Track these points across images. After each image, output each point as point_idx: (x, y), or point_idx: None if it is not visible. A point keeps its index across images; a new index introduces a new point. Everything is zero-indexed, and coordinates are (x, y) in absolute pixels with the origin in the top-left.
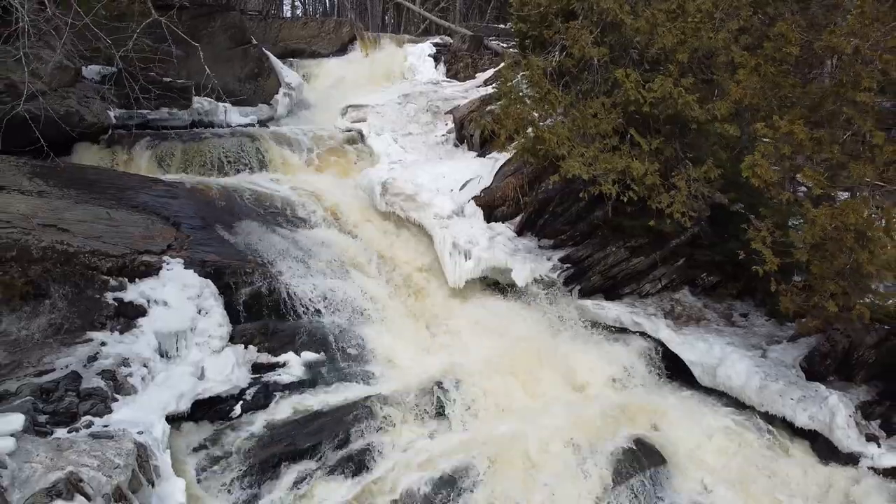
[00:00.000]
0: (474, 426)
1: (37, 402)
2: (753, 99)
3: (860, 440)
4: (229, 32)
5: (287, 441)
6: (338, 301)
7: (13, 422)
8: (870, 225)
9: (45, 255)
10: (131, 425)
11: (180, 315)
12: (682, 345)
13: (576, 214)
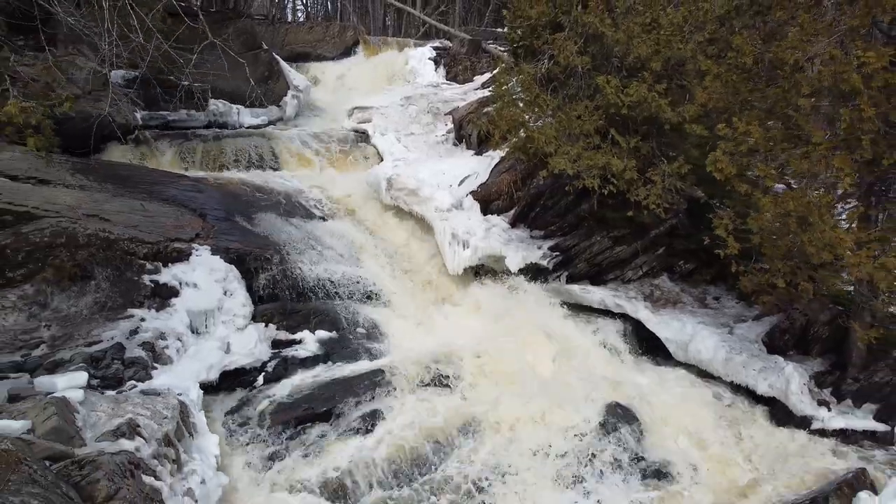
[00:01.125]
0: (471, 393)
1: (88, 368)
2: (718, 102)
3: (812, 405)
4: (241, 38)
5: (305, 406)
6: (348, 285)
7: (79, 378)
8: (810, 211)
9: (90, 241)
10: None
11: (208, 296)
12: (658, 324)
13: (564, 207)
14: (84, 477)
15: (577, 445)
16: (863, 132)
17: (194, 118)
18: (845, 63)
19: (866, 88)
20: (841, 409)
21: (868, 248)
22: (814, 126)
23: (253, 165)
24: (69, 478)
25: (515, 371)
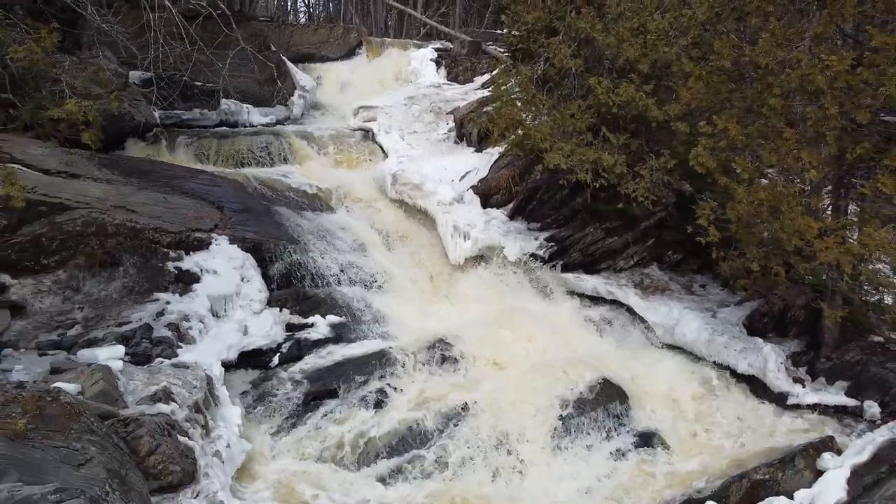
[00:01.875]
0: (472, 371)
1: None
2: (701, 102)
3: (788, 382)
4: (251, 40)
5: (318, 382)
6: (356, 274)
7: (117, 351)
8: (780, 200)
9: (118, 230)
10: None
11: (227, 282)
12: (647, 309)
13: (559, 201)
14: (129, 433)
15: (568, 415)
16: (828, 129)
17: (207, 117)
18: (811, 66)
19: (830, 89)
20: (815, 387)
21: (835, 235)
22: (785, 123)
23: (265, 162)
24: (117, 433)
25: (512, 351)
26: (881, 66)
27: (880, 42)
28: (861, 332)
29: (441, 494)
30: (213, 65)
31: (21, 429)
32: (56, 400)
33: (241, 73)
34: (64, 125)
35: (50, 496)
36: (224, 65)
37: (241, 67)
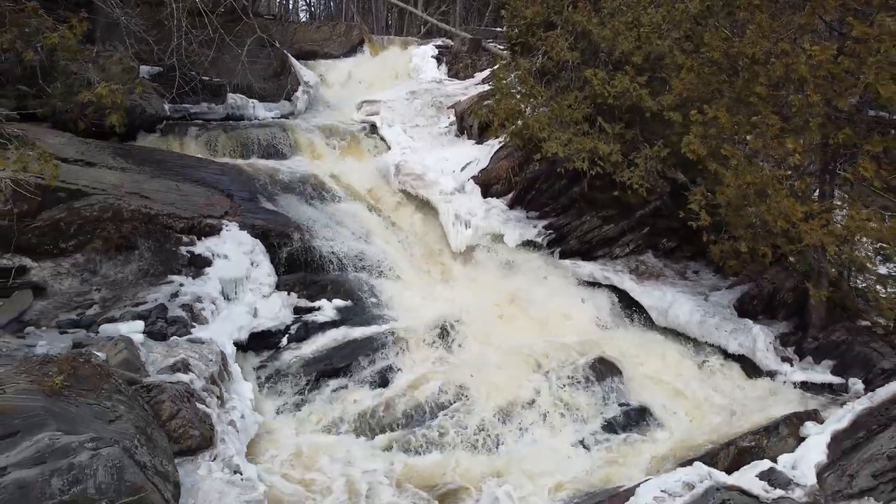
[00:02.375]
0: (472, 351)
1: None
2: (693, 92)
3: (777, 361)
4: (255, 36)
5: (326, 361)
6: (361, 260)
7: (136, 326)
8: (765, 183)
9: (133, 216)
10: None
11: (238, 266)
12: (642, 293)
13: (557, 190)
14: (152, 398)
15: (567, 390)
16: (811, 116)
17: (214, 111)
18: (795, 56)
19: (813, 78)
20: (802, 366)
21: (820, 219)
22: (771, 111)
23: (271, 153)
24: (141, 397)
25: (511, 332)
26: (861, 55)
27: (860, 32)
28: (849, 316)
29: (443, 462)
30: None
31: (58, 386)
32: (88, 362)
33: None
34: (91, 109)
35: (87, 444)
36: (242, 51)
37: (247, 63)
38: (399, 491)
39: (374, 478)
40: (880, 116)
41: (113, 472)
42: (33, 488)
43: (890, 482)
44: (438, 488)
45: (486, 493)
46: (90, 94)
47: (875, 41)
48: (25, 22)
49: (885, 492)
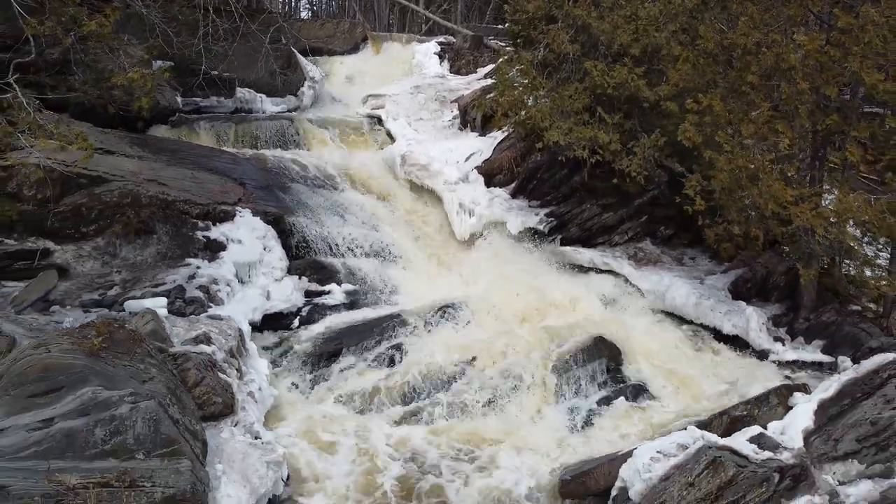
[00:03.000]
0: (477, 330)
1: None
2: (688, 83)
3: (769, 340)
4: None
5: (336, 342)
6: (369, 247)
7: (160, 301)
8: (759, 168)
9: (151, 202)
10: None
11: (251, 250)
12: (639, 277)
13: (559, 180)
14: (179, 366)
15: (567, 367)
16: (800, 103)
17: (223, 104)
18: (785, 46)
19: (802, 66)
20: (794, 345)
21: (809, 202)
22: (763, 99)
23: (280, 145)
24: (168, 364)
25: (514, 314)
26: (847, 45)
27: (845, 23)
28: (841, 301)
29: (449, 431)
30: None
31: (97, 347)
32: (122, 327)
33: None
34: (120, 94)
35: (126, 398)
36: (265, 39)
37: (255, 58)
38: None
39: (382, 443)
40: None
41: (150, 425)
42: (78, 437)
43: (873, 446)
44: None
45: (488, 456)
46: (122, 78)
47: (859, 31)
48: (63, 11)
49: (868, 455)
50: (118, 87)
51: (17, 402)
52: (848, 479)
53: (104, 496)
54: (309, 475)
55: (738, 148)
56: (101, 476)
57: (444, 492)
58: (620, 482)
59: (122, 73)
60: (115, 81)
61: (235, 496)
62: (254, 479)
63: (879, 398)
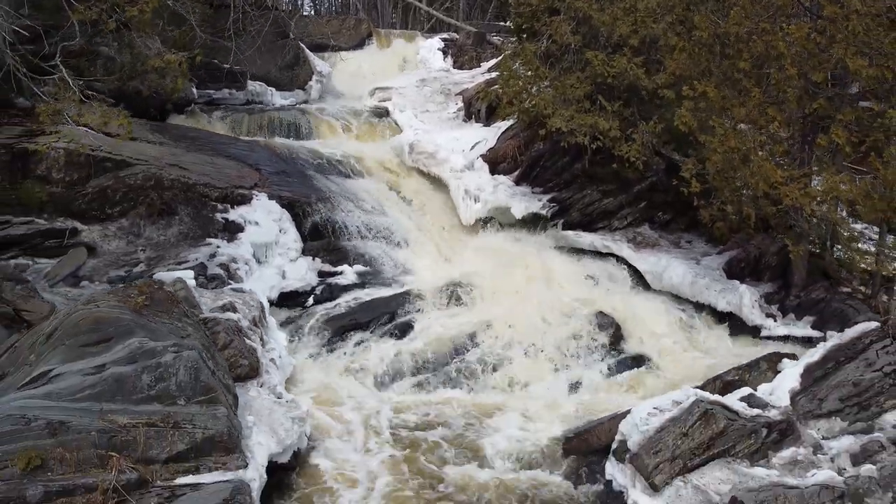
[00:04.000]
0: (483, 307)
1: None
2: (685, 71)
3: (762, 316)
4: (270, 28)
5: (350, 317)
6: (378, 231)
7: (188, 273)
8: (751, 150)
9: (173, 184)
10: None
11: (267, 232)
12: (638, 259)
13: (561, 167)
14: (209, 329)
15: (569, 340)
16: (789, 87)
17: (235, 97)
18: (774, 34)
19: (789, 53)
20: (785, 321)
21: (798, 182)
22: (754, 85)
23: (292, 134)
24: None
25: (518, 292)
26: (832, 33)
27: (831, 12)
28: (831, 283)
29: (456, 398)
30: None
31: (140, 304)
32: (161, 288)
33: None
34: (155, 75)
35: (170, 348)
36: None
37: (264, 53)
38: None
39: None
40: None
41: (191, 373)
42: (127, 382)
43: (855, 405)
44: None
45: (493, 420)
46: (160, 60)
47: (844, 20)
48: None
49: (850, 413)
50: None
51: (72, 351)
52: (832, 434)
53: (152, 434)
54: (327, 434)
55: (731, 130)
56: (147, 418)
57: (451, 450)
58: (620, 436)
59: (158, 57)
60: (152, 64)
61: (266, 444)
62: (280, 432)
63: (861, 361)
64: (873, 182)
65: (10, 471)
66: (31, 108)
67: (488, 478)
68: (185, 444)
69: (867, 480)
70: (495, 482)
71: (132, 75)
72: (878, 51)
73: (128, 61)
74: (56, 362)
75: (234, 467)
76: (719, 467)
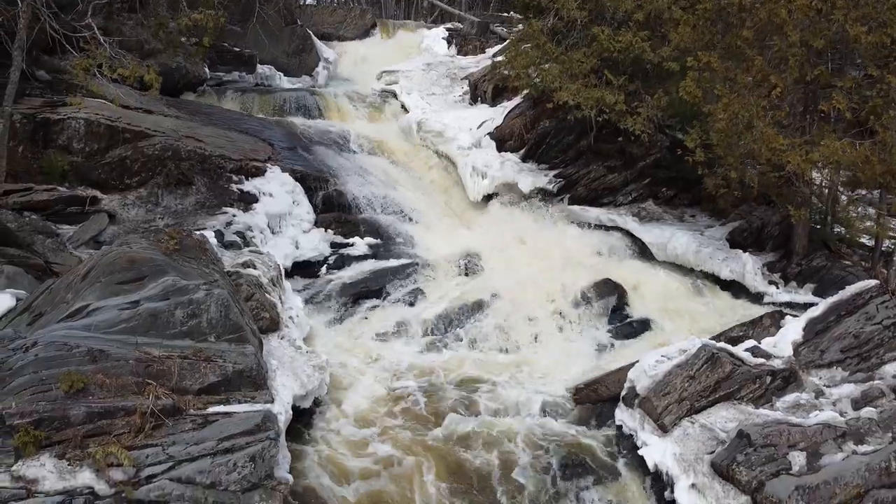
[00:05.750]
0: (492, 275)
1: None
2: (689, 44)
3: (764, 284)
4: (280, 14)
5: (362, 285)
6: (388, 205)
7: (209, 234)
8: (754, 115)
9: (190, 155)
10: None
11: (281, 203)
12: (643, 231)
13: (567, 144)
14: (233, 280)
15: (576, 302)
16: (791, 54)
17: (244, 79)
18: (775, 2)
19: (791, 20)
20: (787, 289)
21: (800, 149)
22: (757, 54)
23: (301, 114)
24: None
25: (526, 261)
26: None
27: None
28: (825, 243)
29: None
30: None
31: (171, 248)
32: (190, 235)
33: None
34: (184, 38)
35: (202, 286)
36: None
37: (272, 39)
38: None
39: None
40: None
41: (221, 310)
42: (161, 317)
43: (856, 356)
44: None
45: (504, 377)
46: (187, 18)
47: None
48: None
49: (851, 364)
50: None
51: (108, 288)
52: (833, 383)
53: (185, 366)
54: (343, 385)
55: (735, 95)
56: (181, 351)
57: (464, 401)
58: (629, 382)
59: (187, 15)
60: (181, 23)
61: (290, 385)
62: (302, 377)
63: (862, 315)
64: (872, 146)
65: (55, 392)
66: (51, 82)
67: (501, 425)
68: (217, 376)
69: (868, 421)
70: (507, 429)
71: (148, 53)
72: (877, 20)
73: (154, 23)
74: (93, 298)
75: (262, 401)
76: (725, 408)
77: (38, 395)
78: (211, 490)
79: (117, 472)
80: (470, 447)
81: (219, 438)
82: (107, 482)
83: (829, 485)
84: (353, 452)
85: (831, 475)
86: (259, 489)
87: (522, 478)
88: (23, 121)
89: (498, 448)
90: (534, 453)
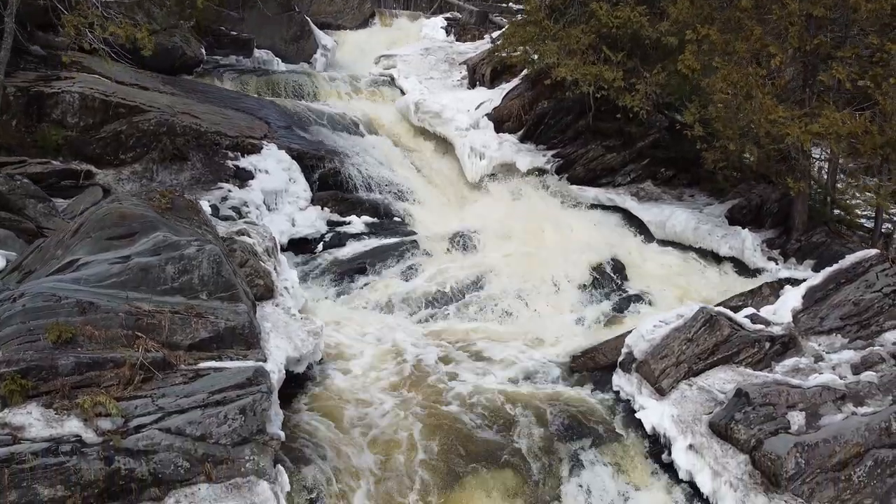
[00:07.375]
0: (489, 252)
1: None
2: (687, 18)
3: (764, 260)
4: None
5: (359, 261)
6: (385, 184)
7: (204, 204)
8: (752, 85)
9: (185, 131)
10: None
11: (277, 180)
12: (641, 210)
13: (565, 125)
14: (227, 246)
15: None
16: (790, 23)
17: (242, 63)
18: None
19: None
20: (786, 265)
21: (799, 120)
22: (755, 25)
23: (298, 96)
24: None
25: (523, 239)
26: None
27: None
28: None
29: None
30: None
31: (163, 206)
32: (182, 196)
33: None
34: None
35: (193, 242)
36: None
37: (271, 23)
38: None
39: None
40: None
41: (213, 267)
42: (152, 272)
43: (855, 324)
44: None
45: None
46: None
47: None
48: None
49: (850, 331)
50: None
51: (98, 244)
52: (832, 350)
53: (176, 321)
54: (340, 353)
55: (733, 65)
56: (171, 307)
57: (462, 368)
58: (626, 348)
59: None
60: None
61: (283, 347)
62: (296, 340)
63: (861, 283)
64: (872, 117)
65: (42, 343)
66: (45, 57)
67: (500, 389)
68: (209, 332)
69: (868, 385)
70: (506, 394)
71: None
72: None
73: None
74: (83, 253)
75: (255, 360)
76: (724, 371)
77: (26, 345)
78: (201, 442)
79: (105, 421)
80: (468, 411)
81: (209, 391)
82: (94, 431)
83: (829, 443)
84: (348, 414)
85: (831, 434)
86: (250, 443)
87: (519, 439)
88: (17, 94)
89: (497, 412)
90: (532, 417)
